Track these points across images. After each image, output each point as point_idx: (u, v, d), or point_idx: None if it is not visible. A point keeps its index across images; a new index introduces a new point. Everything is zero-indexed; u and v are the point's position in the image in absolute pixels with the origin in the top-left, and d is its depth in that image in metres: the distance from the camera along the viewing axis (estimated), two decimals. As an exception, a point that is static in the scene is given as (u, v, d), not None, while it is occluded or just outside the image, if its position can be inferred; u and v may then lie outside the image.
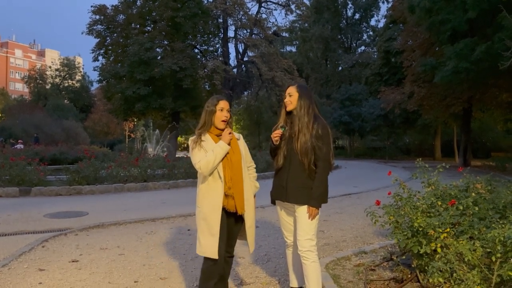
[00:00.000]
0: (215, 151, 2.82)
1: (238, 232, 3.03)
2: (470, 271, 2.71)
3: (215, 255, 2.82)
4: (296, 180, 2.91)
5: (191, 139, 2.95)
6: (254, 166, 3.17)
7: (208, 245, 2.81)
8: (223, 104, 2.95)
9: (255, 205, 3.10)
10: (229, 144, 2.87)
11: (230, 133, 2.90)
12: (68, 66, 58.54)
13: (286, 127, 2.98)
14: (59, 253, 4.72)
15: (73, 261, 4.38)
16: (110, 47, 26.53)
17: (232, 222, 2.96)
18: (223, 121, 2.92)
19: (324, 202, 2.93)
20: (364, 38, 46.77)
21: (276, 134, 2.96)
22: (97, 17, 25.64)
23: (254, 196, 3.10)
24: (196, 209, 2.96)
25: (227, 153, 2.87)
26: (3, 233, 5.77)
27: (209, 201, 2.85)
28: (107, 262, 4.35)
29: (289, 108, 3.00)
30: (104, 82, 26.21)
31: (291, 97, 2.99)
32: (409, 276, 3.52)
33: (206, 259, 2.87)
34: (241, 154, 2.97)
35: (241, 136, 3.10)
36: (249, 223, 2.99)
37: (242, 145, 3.03)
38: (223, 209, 2.85)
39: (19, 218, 6.79)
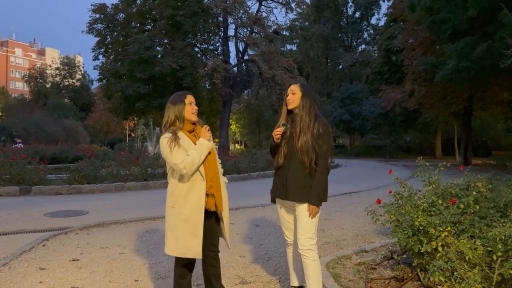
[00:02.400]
0: (200, 150, 2.74)
1: (219, 230, 2.99)
2: (471, 269, 2.70)
3: (199, 256, 2.78)
4: (296, 179, 2.91)
5: (164, 137, 2.80)
6: (220, 161, 3.09)
7: (190, 246, 2.75)
8: (191, 98, 2.87)
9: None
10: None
11: (208, 130, 2.86)
12: (68, 65, 58.55)
13: (287, 125, 2.98)
14: (60, 252, 4.72)
15: (73, 260, 4.38)
16: (110, 46, 26.54)
17: (212, 221, 2.92)
18: (193, 113, 2.85)
19: (324, 200, 2.93)
20: (364, 36, 46.79)
21: (277, 132, 2.95)
22: (97, 15, 25.65)
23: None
24: (168, 210, 2.85)
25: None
26: (3, 232, 5.78)
27: (191, 202, 2.77)
28: (107, 261, 4.35)
29: (291, 107, 2.99)
30: (104, 81, 26.24)
31: (294, 96, 2.98)
32: (410, 275, 3.51)
33: (181, 258, 2.83)
34: (215, 152, 2.93)
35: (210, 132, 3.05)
36: (226, 220, 2.96)
37: (211, 141, 2.97)
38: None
39: (20, 217, 6.79)
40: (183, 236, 2.76)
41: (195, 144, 2.80)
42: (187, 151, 2.75)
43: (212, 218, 2.92)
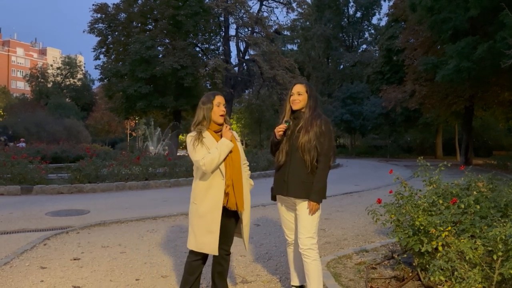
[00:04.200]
0: (220, 149, 2.79)
1: (234, 230, 3.03)
2: (471, 269, 2.71)
3: (215, 252, 2.84)
4: (297, 175, 2.92)
5: (190, 135, 2.91)
6: (248, 163, 3.15)
7: (206, 242, 2.81)
8: (220, 99, 2.93)
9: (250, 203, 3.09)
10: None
11: (230, 129, 2.90)
12: (70, 64, 58.65)
13: (290, 122, 2.99)
14: (61, 251, 4.73)
15: (74, 259, 4.39)
16: (111, 46, 26.58)
17: (230, 220, 2.95)
18: (221, 115, 2.90)
19: (324, 197, 2.94)
20: (365, 36, 46.75)
21: (280, 128, 2.97)
22: (99, 15, 25.68)
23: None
24: (191, 205, 2.94)
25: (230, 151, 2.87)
26: (5, 231, 5.79)
27: (210, 199, 2.83)
28: (108, 260, 4.36)
29: (296, 107, 3.00)
30: (105, 80, 26.28)
31: (300, 96, 2.99)
32: (410, 274, 3.52)
33: (193, 253, 2.88)
34: (239, 152, 2.97)
35: (235, 133, 3.08)
36: (246, 221, 2.99)
37: (238, 142, 3.02)
38: (223, 207, 2.84)
39: (21, 216, 6.81)
40: (200, 231, 2.83)
41: None
42: (210, 149, 2.81)
43: (232, 218, 2.96)
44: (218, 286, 3.04)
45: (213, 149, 2.80)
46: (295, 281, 3.27)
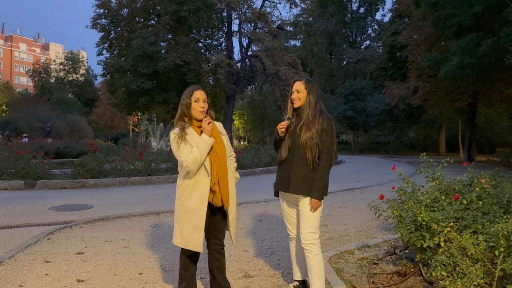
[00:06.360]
0: (200, 147, 2.73)
1: (225, 225, 3.01)
2: (473, 265, 2.72)
3: (199, 249, 2.83)
4: (299, 172, 2.94)
5: (173, 132, 2.83)
6: (234, 155, 3.11)
7: (192, 239, 2.80)
8: (199, 94, 2.84)
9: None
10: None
11: (209, 123, 2.79)
12: (72, 60, 58.70)
13: (292, 119, 3.00)
14: (65, 245, 4.76)
15: (78, 253, 4.42)
16: (114, 41, 26.63)
17: (217, 216, 2.94)
18: (200, 112, 2.83)
19: (325, 194, 2.95)
20: (369, 32, 46.48)
21: (282, 126, 2.98)
22: (101, 11, 25.70)
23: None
24: (176, 201, 2.91)
25: (212, 146, 2.80)
26: (9, 225, 5.83)
27: (195, 196, 2.79)
28: (112, 255, 4.39)
29: (296, 105, 3.00)
30: (108, 76, 26.36)
31: (299, 94, 2.99)
32: (412, 269, 3.53)
33: (185, 249, 2.88)
34: (224, 145, 2.91)
35: (221, 124, 3.00)
36: (232, 215, 2.97)
37: (224, 136, 2.96)
38: (208, 203, 2.82)
39: (25, 211, 6.85)
40: (187, 228, 2.82)
41: None
42: (193, 147, 2.78)
43: (218, 213, 2.94)
44: (219, 281, 3.04)
45: (194, 148, 2.74)
46: (297, 276, 3.29)
